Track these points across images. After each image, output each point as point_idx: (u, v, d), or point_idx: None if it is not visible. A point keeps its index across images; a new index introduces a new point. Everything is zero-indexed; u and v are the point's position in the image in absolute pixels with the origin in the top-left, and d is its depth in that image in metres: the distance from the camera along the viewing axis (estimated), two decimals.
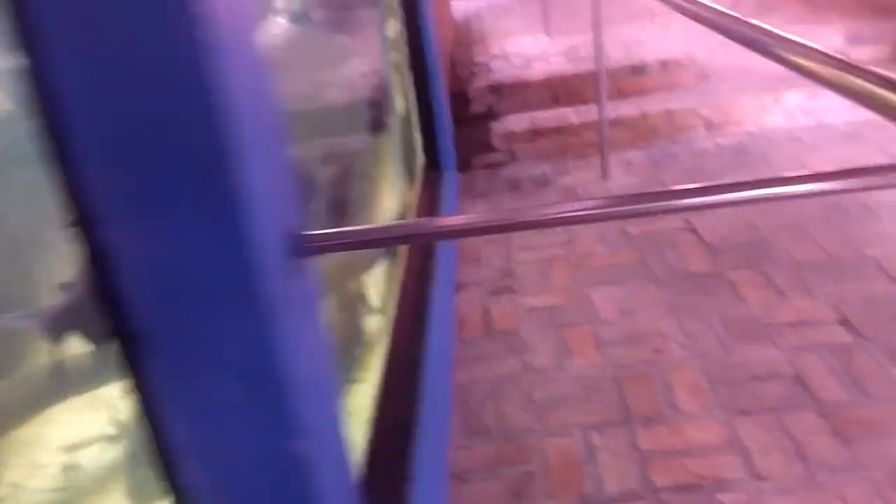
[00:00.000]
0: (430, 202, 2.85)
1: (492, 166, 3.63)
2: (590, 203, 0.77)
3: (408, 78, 2.89)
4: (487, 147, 3.62)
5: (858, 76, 0.77)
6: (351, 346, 1.82)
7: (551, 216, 0.82)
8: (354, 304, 1.95)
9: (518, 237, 2.91)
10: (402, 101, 2.85)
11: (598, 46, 3.00)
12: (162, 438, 0.73)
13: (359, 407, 1.61)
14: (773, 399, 1.84)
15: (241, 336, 0.68)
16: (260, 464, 0.74)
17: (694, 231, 2.69)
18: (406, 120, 2.90)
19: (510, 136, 3.59)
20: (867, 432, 1.70)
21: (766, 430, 1.75)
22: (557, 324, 2.31)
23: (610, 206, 0.75)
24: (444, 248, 2.66)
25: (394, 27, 2.78)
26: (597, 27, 2.97)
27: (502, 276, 2.66)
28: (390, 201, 2.56)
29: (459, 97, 3.82)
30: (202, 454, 0.74)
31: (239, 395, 0.71)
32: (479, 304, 2.50)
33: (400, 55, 2.81)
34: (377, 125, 2.25)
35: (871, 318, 2.07)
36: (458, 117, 3.80)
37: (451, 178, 3.23)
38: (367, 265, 2.05)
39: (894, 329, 2.01)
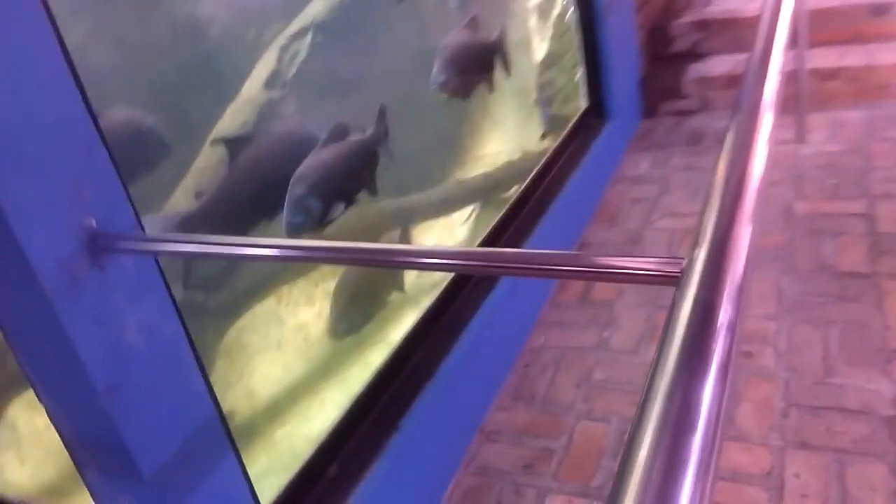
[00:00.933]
0: (573, 152, 2.75)
1: (681, 114, 3.32)
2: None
3: (565, 20, 2.75)
4: (678, 92, 3.30)
5: None
6: (385, 293, 1.95)
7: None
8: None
9: (667, 200, 2.68)
10: (543, 46, 2.73)
11: None
12: None
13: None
14: (849, 439, 1.55)
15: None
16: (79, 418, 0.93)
17: (869, 217, 2.22)
18: (549, 64, 2.78)
19: (705, 81, 3.21)
20: None
21: (817, 473, 1.50)
22: (655, 304, 2.15)
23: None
24: (575, 203, 2.59)
25: None
26: None
27: (629, 240, 2.51)
28: (502, 148, 2.54)
29: (662, 33, 3.49)
30: None
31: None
32: None
33: None
34: (474, 73, 2.22)
35: None
36: (658, 56, 3.50)
37: (617, 127, 3.05)
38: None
39: None
